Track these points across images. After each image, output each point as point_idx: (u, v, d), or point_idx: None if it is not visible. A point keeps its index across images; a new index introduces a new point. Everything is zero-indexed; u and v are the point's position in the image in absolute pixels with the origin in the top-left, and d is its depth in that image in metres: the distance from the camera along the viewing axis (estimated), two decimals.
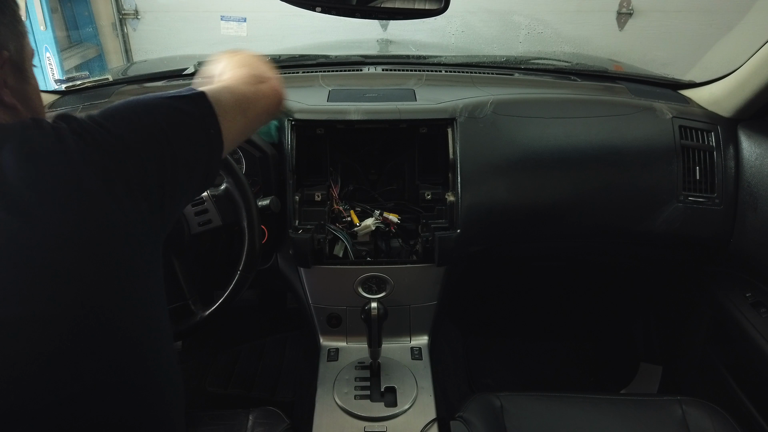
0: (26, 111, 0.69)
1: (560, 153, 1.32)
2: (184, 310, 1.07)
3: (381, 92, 1.44)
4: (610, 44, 3.23)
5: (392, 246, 1.35)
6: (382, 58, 1.90)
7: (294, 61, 1.81)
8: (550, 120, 1.34)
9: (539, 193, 1.32)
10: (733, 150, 1.34)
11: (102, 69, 3.31)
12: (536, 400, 1.20)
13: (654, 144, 1.33)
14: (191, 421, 1.17)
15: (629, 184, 1.33)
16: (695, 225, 1.34)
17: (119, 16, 3.32)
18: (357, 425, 1.15)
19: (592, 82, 1.65)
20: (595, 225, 1.37)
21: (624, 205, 1.34)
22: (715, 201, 1.33)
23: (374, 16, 1.08)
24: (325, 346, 1.39)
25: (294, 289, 1.43)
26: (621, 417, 1.17)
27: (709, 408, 1.16)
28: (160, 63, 2.26)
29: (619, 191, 1.34)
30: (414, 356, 1.36)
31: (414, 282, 1.35)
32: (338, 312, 1.38)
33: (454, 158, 1.27)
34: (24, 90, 0.69)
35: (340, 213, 1.33)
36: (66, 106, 1.39)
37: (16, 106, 0.67)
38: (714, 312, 1.48)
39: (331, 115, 1.30)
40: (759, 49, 1.24)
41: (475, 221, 1.28)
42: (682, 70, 1.73)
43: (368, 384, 1.24)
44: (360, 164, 1.44)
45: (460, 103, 1.32)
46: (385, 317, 1.19)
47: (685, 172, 1.33)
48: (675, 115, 1.36)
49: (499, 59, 1.88)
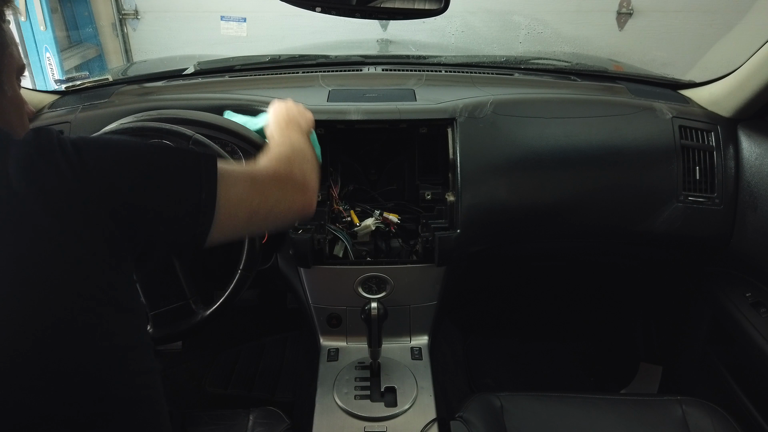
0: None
1: (560, 153, 1.32)
2: (185, 309, 1.08)
3: (381, 92, 1.44)
4: (609, 44, 3.23)
5: (392, 246, 1.35)
6: (382, 58, 1.90)
7: (294, 61, 1.81)
8: (550, 120, 1.34)
9: (539, 193, 1.32)
10: (733, 150, 1.34)
11: (102, 69, 3.31)
12: (536, 400, 1.20)
13: (654, 144, 1.33)
14: (191, 420, 1.17)
15: (629, 184, 1.33)
16: (695, 225, 1.34)
17: (119, 17, 3.32)
18: (357, 425, 1.15)
19: (592, 82, 1.65)
20: (595, 225, 1.36)
21: (624, 205, 1.34)
22: (715, 201, 1.33)
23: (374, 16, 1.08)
24: (325, 346, 1.39)
25: (294, 290, 1.43)
26: (621, 417, 1.17)
27: (709, 408, 1.16)
28: (160, 63, 2.26)
29: (619, 191, 1.33)
30: (414, 356, 1.35)
31: (414, 282, 1.35)
32: (338, 312, 1.38)
33: (454, 158, 1.27)
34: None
35: (340, 213, 1.33)
36: (66, 106, 1.39)
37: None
38: (714, 312, 1.48)
39: (331, 115, 1.30)
40: (759, 49, 1.24)
41: (475, 221, 1.28)
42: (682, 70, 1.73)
43: (368, 384, 1.24)
44: (360, 164, 1.44)
45: (460, 103, 1.32)
46: (385, 317, 1.19)
47: (685, 172, 1.33)
48: (675, 115, 1.36)
49: (499, 59, 1.88)
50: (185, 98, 1.41)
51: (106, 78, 1.65)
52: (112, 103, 1.39)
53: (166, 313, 1.06)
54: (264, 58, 1.80)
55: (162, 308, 1.06)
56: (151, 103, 1.37)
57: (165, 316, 1.06)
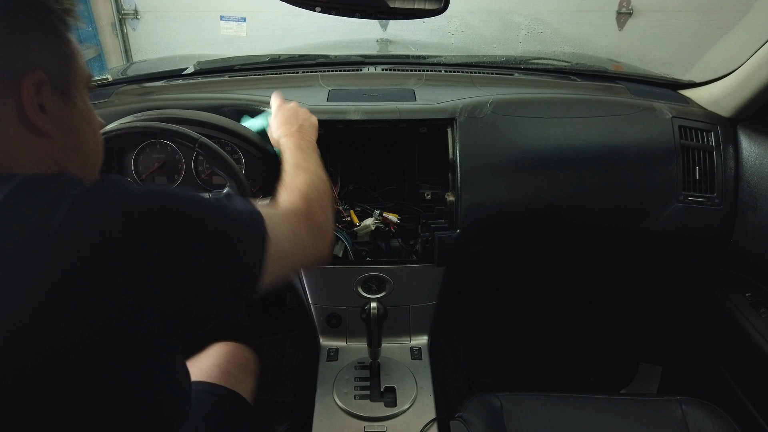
0: (67, 139, 0.62)
1: (560, 153, 1.32)
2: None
3: (381, 92, 1.44)
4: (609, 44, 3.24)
5: (392, 246, 1.35)
6: (381, 58, 1.90)
7: (294, 61, 1.80)
8: (549, 120, 1.34)
9: (539, 193, 1.32)
10: (732, 150, 1.34)
11: (101, 69, 3.31)
12: (536, 399, 1.20)
13: (654, 144, 1.33)
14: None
15: (629, 184, 1.33)
16: (695, 225, 1.34)
17: (119, 16, 3.32)
18: (357, 425, 1.16)
19: (591, 82, 1.65)
20: (594, 225, 1.36)
21: (624, 205, 1.34)
22: (714, 201, 1.33)
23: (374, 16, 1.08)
24: (324, 346, 1.40)
25: (294, 289, 1.43)
26: (621, 417, 1.17)
27: (709, 408, 1.16)
28: (160, 63, 2.26)
29: (619, 191, 1.33)
30: (414, 356, 1.36)
31: (414, 282, 1.35)
32: (338, 312, 1.38)
33: (453, 158, 1.27)
34: (66, 116, 0.63)
35: (340, 213, 1.33)
36: None
37: (52, 134, 0.60)
38: (714, 312, 1.47)
39: (331, 115, 1.30)
40: (759, 49, 1.24)
41: (475, 221, 1.28)
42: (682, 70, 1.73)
43: (368, 384, 1.24)
44: (360, 164, 1.44)
45: (460, 103, 1.32)
46: (384, 317, 1.19)
47: (685, 172, 1.33)
48: (675, 115, 1.36)
49: (498, 59, 1.87)
50: (185, 98, 1.41)
51: (106, 78, 1.64)
52: (112, 103, 1.39)
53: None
54: (264, 57, 1.79)
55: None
56: (151, 102, 1.37)
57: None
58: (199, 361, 1.17)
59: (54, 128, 0.61)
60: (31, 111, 0.58)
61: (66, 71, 0.62)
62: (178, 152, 1.31)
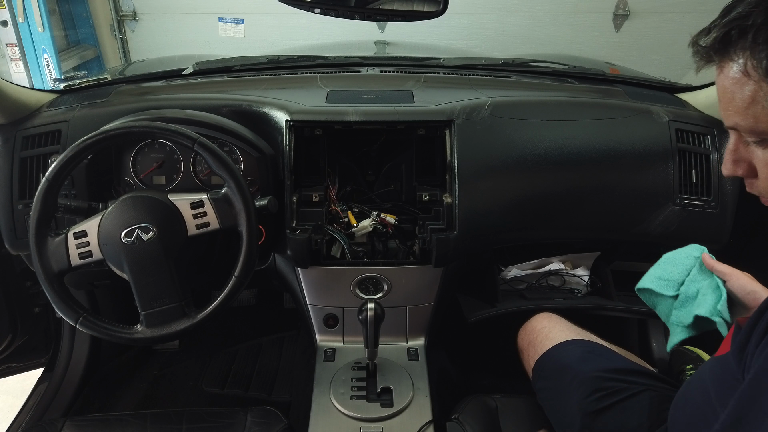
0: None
1: (557, 155, 1.32)
2: (177, 311, 1.07)
3: (379, 94, 1.44)
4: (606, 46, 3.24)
5: (389, 247, 1.36)
6: (380, 60, 1.90)
7: (292, 62, 1.81)
8: (547, 122, 1.35)
9: (536, 195, 1.32)
10: None
11: (100, 70, 3.31)
12: (531, 401, 1.20)
13: (650, 147, 1.34)
14: (190, 417, 1.17)
15: (626, 186, 1.34)
16: (691, 228, 1.34)
17: (117, 18, 3.32)
18: (353, 426, 1.16)
19: (589, 84, 1.65)
20: (591, 227, 1.37)
21: (620, 208, 1.35)
22: (711, 204, 1.34)
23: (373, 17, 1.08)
24: (321, 346, 1.40)
25: (291, 290, 1.43)
26: None
27: None
28: (159, 63, 2.26)
29: (616, 194, 1.34)
30: (410, 357, 1.36)
31: (411, 283, 1.35)
32: (335, 312, 1.38)
33: (451, 160, 1.27)
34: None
35: (338, 214, 1.33)
36: (65, 105, 1.39)
37: None
38: None
39: (330, 116, 1.30)
40: None
41: (472, 223, 1.28)
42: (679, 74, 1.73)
43: (365, 384, 1.25)
44: (358, 165, 1.45)
45: (458, 105, 1.32)
46: (381, 318, 1.19)
47: (682, 175, 1.34)
48: (671, 118, 1.37)
49: (496, 61, 1.88)
50: (184, 98, 1.41)
51: (105, 77, 1.65)
52: (111, 103, 1.39)
53: (158, 313, 1.06)
54: (263, 58, 1.80)
55: (153, 308, 1.06)
56: (150, 102, 1.37)
57: (156, 316, 1.06)
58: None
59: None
60: None
61: None
62: (177, 152, 1.31)
